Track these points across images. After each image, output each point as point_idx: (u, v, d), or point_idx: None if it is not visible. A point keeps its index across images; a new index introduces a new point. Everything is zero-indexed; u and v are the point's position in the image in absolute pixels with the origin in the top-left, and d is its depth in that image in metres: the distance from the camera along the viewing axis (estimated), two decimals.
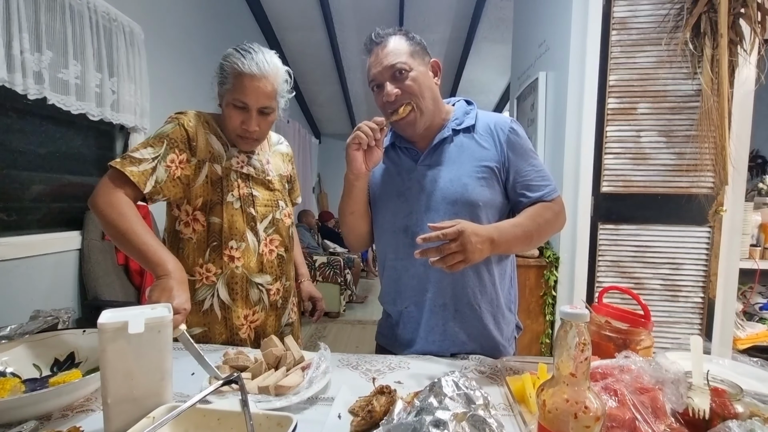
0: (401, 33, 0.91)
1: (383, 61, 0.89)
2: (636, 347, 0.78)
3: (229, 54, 0.97)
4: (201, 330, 1.02)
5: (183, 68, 2.81)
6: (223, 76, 0.97)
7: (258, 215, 1.04)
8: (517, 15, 2.76)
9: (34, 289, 1.73)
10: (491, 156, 0.92)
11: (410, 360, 0.90)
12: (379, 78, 0.90)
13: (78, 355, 0.82)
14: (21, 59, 1.55)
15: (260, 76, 0.95)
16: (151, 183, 0.91)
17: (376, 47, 0.91)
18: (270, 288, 1.06)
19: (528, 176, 0.92)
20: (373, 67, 0.91)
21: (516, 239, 0.86)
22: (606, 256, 1.79)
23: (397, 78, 0.88)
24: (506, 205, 0.96)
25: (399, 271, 0.98)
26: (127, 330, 0.56)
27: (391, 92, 0.88)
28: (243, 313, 1.03)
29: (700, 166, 1.69)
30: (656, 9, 1.68)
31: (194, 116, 1.00)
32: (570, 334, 0.45)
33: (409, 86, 0.88)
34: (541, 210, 0.90)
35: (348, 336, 3.46)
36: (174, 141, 0.95)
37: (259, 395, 0.71)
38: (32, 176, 1.81)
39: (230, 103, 0.97)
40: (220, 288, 1.00)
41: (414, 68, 0.89)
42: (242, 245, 1.00)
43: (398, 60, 0.88)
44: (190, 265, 0.99)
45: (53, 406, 0.65)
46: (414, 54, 0.90)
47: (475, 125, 0.95)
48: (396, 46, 0.89)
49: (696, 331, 1.73)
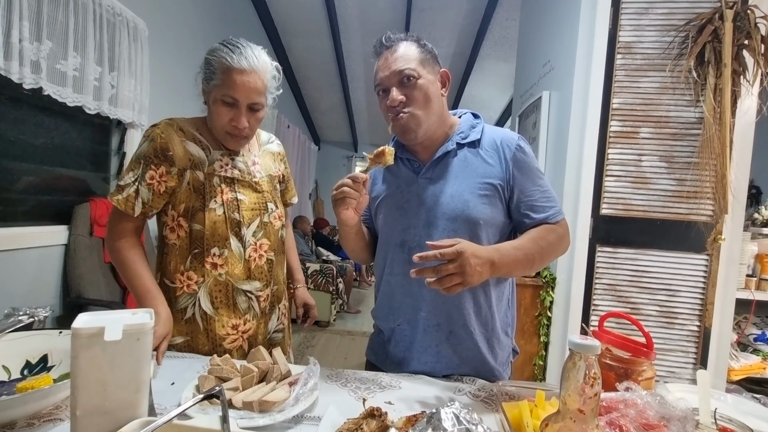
0: (413, 39, 0.89)
1: (392, 65, 0.86)
2: (638, 378, 0.75)
3: (216, 49, 0.94)
4: (184, 339, 0.98)
5: (186, 68, 2.79)
6: (210, 72, 0.94)
7: (244, 220, 1.00)
8: (521, 34, 2.79)
9: (15, 284, 1.67)
10: (495, 173, 0.89)
11: (402, 379, 0.86)
12: (386, 82, 0.87)
13: (51, 357, 0.78)
14: (19, 48, 1.52)
15: (249, 71, 0.92)
16: (139, 206, 0.93)
17: (385, 51, 0.88)
18: (260, 295, 1.02)
19: (533, 196, 0.89)
20: (380, 71, 0.88)
21: (517, 263, 0.81)
22: (603, 279, 1.77)
23: (404, 84, 0.86)
24: (508, 225, 0.93)
25: (393, 287, 0.95)
26: (102, 336, 0.52)
27: (396, 97, 0.85)
28: (231, 323, 0.99)
29: (700, 194, 1.68)
30: (661, 36, 1.70)
31: (166, 126, 0.98)
32: (579, 366, 0.42)
33: (415, 95, 0.86)
34: (545, 232, 0.86)
35: (336, 347, 3.40)
36: (148, 158, 0.94)
37: (243, 410, 0.67)
38: (23, 167, 1.77)
39: (218, 100, 0.94)
40: (201, 297, 0.97)
41: (422, 76, 0.86)
42: (225, 252, 0.97)
43: (407, 66, 0.85)
44: (172, 272, 0.97)
45: (18, 414, 0.60)
46: (424, 62, 0.87)
47: (481, 140, 0.92)
48: (406, 52, 0.86)
49: (691, 360, 1.71)
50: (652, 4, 1.71)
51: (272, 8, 4.06)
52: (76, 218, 1.87)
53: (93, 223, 1.92)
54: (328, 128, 7.08)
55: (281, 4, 4.00)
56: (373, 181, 1.02)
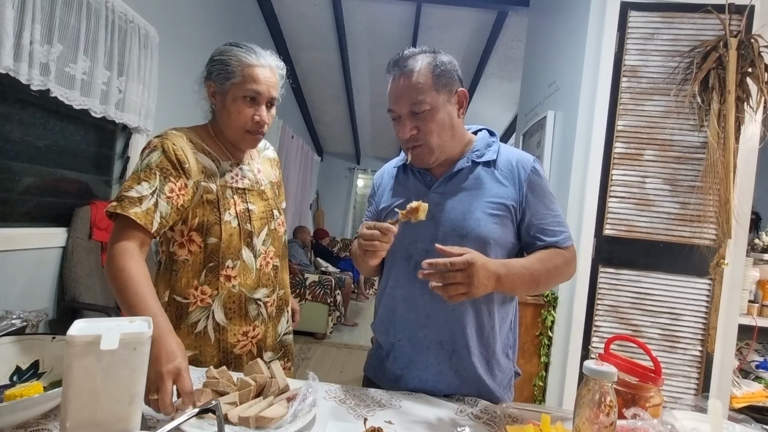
0: (429, 59, 0.84)
1: (404, 95, 0.83)
2: (645, 404, 0.73)
3: (227, 49, 0.96)
4: (192, 353, 0.94)
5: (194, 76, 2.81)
6: (228, 72, 0.93)
7: (255, 230, 0.99)
8: (528, 54, 2.83)
9: (9, 286, 1.64)
10: (509, 194, 0.88)
11: (402, 398, 0.84)
12: (398, 111, 0.85)
13: (43, 363, 0.75)
14: (30, 49, 1.53)
15: (268, 66, 0.96)
16: (157, 220, 0.85)
17: (399, 75, 0.84)
18: (267, 301, 1.02)
19: (545, 220, 0.88)
20: (392, 97, 0.86)
21: (522, 281, 0.81)
22: (605, 300, 1.75)
23: (416, 116, 0.83)
24: (516, 246, 0.92)
25: (396, 300, 0.93)
26: (98, 345, 0.51)
27: (407, 132, 0.84)
28: (241, 330, 0.97)
29: (703, 217, 1.68)
30: (666, 61, 1.72)
31: (176, 137, 0.94)
32: (594, 393, 0.40)
33: (428, 127, 0.83)
34: (553, 255, 0.86)
35: (333, 360, 3.34)
36: (166, 170, 0.88)
37: (239, 426, 0.64)
38: (25, 167, 1.76)
39: (239, 98, 0.94)
40: (216, 310, 0.95)
41: (435, 105, 0.83)
42: (237, 263, 0.95)
43: (419, 97, 0.81)
44: (184, 287, 0.93)
45: (5, 423, 0.58)
46: (439, 86, 0.83)
47: (497, 160, 0.91)
48: (419, 80, 0.82)
49: (693, 386, 1.68)
50: (657, 30, 1.73)
51: (282, 21, 4.12)
52: (75, 221, 1.86)
53: (92, 226, 1.90)
54: (332, 140, 7.12)
55: (291, 17, 4.06)
56: (382, 190, 1.01)
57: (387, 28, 4.00)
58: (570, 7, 2.06)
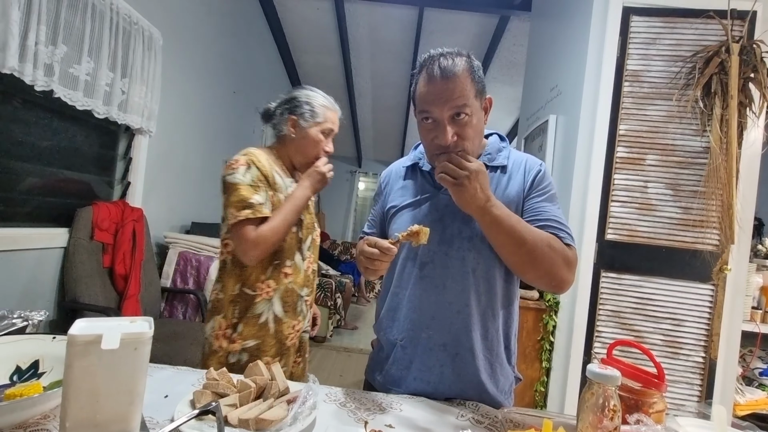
0: (467, 64, 0.80)
1: (448, 100, 0.78)
2: (648, 410, 0.72)
3: (312, 96, 1.20)
4: (255, 343, 1.09)
5: (197, 78, 2.83)
6: (314, 113, 1.18)
7: (304, 237, 1.18)
8: (529, 59, 2.83)
9: (10, 286, 1.64)
10: (515, 195, 0.88)
11: (403, 401, 0.84)
12: (438, 115, 0.80)
13: (43, 363, 0.75)
14: (35, 50, 1.54)
15: (337, 111, 1.28)
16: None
17: (440, 77, 0.78)
18: (307, 299, 1.22)
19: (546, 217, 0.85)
20: (430, 99, 0.80)
21: (510, 228, 0.77)
22: (607, 305, 1.74)
23: (456, 121, 0.80)
24: None
25: (400, 301, 0.92)
26: (99, 345, 0.50)
27: (449, 138, 0.79)
28: (292, 323, 1.15)
29: (706, 223, 1.67)
30: (668, 66, 1.72)
31: (261, 155, 1.11)
32: (597, 397, 0.40)
33: (467, 133, 0.81)
34: (553, 240, 0.81)
35: (333, 363, 3.33)
36: (262, 181, 1.08)
37: (238, 428, 0.64)
38: (27, 168, 1.76)
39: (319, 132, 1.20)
40: (275, 302, 1.12)
41: (474, 112, 0.81)
42: (292, 264, 1.15)
43: (464, 102, 0.78)
44: (253, 282, 1.09)
45: (5, 423, 0.57)
46: (476, 93, 0.81)
47: (507, 166, 0.91)
48: (464, 85, 0.79)
49: (696, 393, 1.67)
50: (659, 35, 1.73)
51: (285, 24, 4.15)
52: (77, 221, 1.86)
53: (94, 227, 1.90)
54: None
55: (294, 21, 4.09)
56: (389, 189, 1.00)
57: (389, 32, 4.02)
58: (572, 11, 2.07)
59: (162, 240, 2.55)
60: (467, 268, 0.86)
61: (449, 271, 0.87)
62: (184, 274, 2.43)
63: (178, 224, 2.83)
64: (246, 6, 3.59)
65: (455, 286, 0.87)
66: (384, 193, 1.02)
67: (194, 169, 2.95)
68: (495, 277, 0.88)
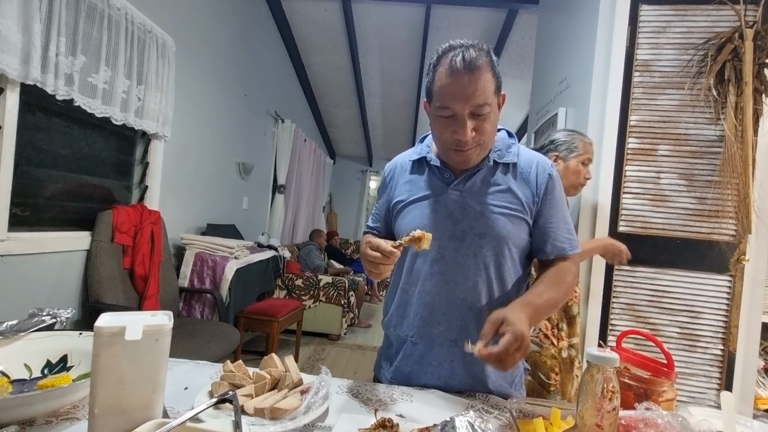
0: (488, 59, 0.80)
1: (471, 97, 0.77)
2: (658, 399, 0.73)
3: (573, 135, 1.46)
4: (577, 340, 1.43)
5: (209, 82, 2.90)
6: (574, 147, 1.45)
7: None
8: (538, 52, 2.81)
9: (39, 287, 1.72)
10: (526, 195, 0.89)
11: (414, 392, 0.85)
12: (459, 111, 0.79)
13: (71, 358, 0.79)
14: (56, 61, 1.60)
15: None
16: None
17: (462, 72, 0.77)
18: None
19: (557, 227, 0.90)
20: (451, 93, 0.79)
21: (544, 312, 0.85)
22: (621, 298, 1.72)
23: (476, 117, 0.80)
24: (529, 245, 0.92)
25: (410, 297, 0.93)
26: (123, 336, 0.54)
27: (468, 134, 0.80)
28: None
29: (721, 213, 1.64)
30: (680, 54, 1.69)
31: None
32: (597, 379, 0.41)
33: (486, 129, 0.82)
34: (564, 274, 0.88)
35: (347, 361, 3.36)
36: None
37: (254, 417, 0.67)
38: (51, 174, 1.84)
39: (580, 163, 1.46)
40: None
41: (493, 108, 0.81)
42: None
43: (486, 101, 0.78)
44: None
45: (38, 411, 0.62)
46: (495, 91, 0.81)
47: (517, 163, 0.91)
48: (486, 80, 0.78)
49: (715, 386, 1.64)
50: (670, 23, 1.71)
51: (293, 26, 4.19)
52: (98, 225, 1.93)
53: (114, 230, 1.97)
54: (344, 143, 7.18)
55: (302, 23, 4.13)
56: (395, 183, 0.99)
57: (397, 30, 4.03)
58: (579, 3, 2.05)
59: (179, 241, 2.62)
60: (479, 264, 0.87)
61: (460, 267, 0.87)
62: (201, 275, 2.49)
63: (194, 226, 2.90)
64: (255, 10, 3.65)
65: (466, 282, 0.87)
66: (389, 186, 1.01)
67: (208, 171, 3.03)
68: (507, 272, 0.89)
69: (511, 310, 0.76)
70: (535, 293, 0.84)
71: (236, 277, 2.55)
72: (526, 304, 0.79)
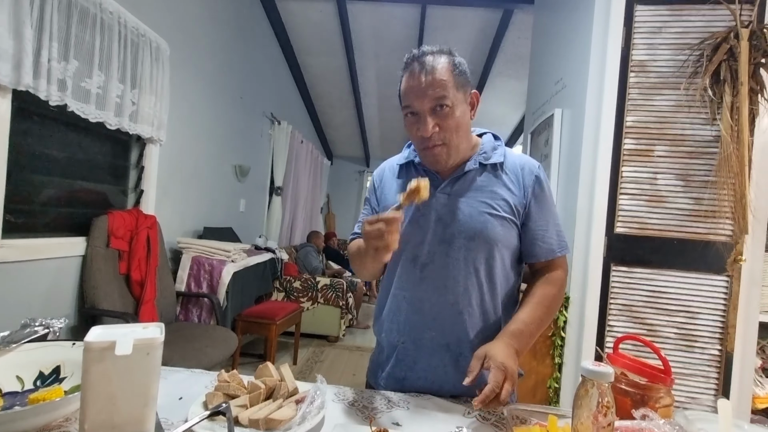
0: (449, 59, 0.83)
1: (427, 91, 0.80)
2: (655, 405, 0.72)
3: None
4: None
5: (204, 85, 2.88)
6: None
7: None
8: (533, 52, 2.81)
9: (33, 293, 1.71)
10: (515, 197, 0.88)
11: (410, 398, 0.85)
12: (418, 107, 0.82)
13: (64, 369, 0.79)
14: (48, 67, 1.59)
15: None
16: None
17: (420, 71, 0.81)
18: None
19: (546, 228, 0.89)
20: (412, 93, 0.82)
21: (532, 337, 0.85)
22: (618, 299, 1.72)
23: (437, 112, 0.81)
24: (519, 248, 0.92)
25: (400, 302, 0.92)
26: (113, 351, 0.53)
27: (429, 129, 0.81)
28: None
29: (718, 213, 1.64)
30: (675, 54, 1.69)
31: None
32: (591, 394, 0.40)
33: (448, 124, 0.82)
34: (549, 289, 0.89)
35: (345, 362, 3.36)
36: None
37: (248, 428, 0.66)
38: (45, 180, 1.83)
39: None
40: None
41: (456, 104, 0.82)
42: None
43: (443, 93, 0.80)
44: None
45: (29, 426, 0.61)
46: (458, 86, 0.82)
47: (503, 164, 0.91)
48: (442, 76, 0.80)
49: (713, 386, 1.64)
50: (665, 24, 1.70)
51: (288, 28, 4.18)
52: (93, 230, 1.92)
53: (110, 235, 1.96)
54: (341, 143, 7.17)
55: (298, 24, 4.12)
56: (383, 189, 0.99)
57: (392, 30, 4.02)
58: (575, 3, 2.04)
59: (175, 245, 2.61)
60: (469, 267, 0.86)
61: (450, 271, 0.87)
62: (198, 279, 2.49)
63: (191, 229, 2.89)
64: (250, 12, 3.63)
65: (457, 286, 0.87)
66: (378, 192, 1.01)
67: (205, 174, 3.01)
68: (497, 275, 0.88)
69: (494, 345, 0.78)
70: (520, 320, 0.85)
71: (233, 280, 2.54)
72: (511, 337, 0.81)
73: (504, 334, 0.82)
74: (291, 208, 5.01)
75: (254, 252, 3.16)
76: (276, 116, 4.35)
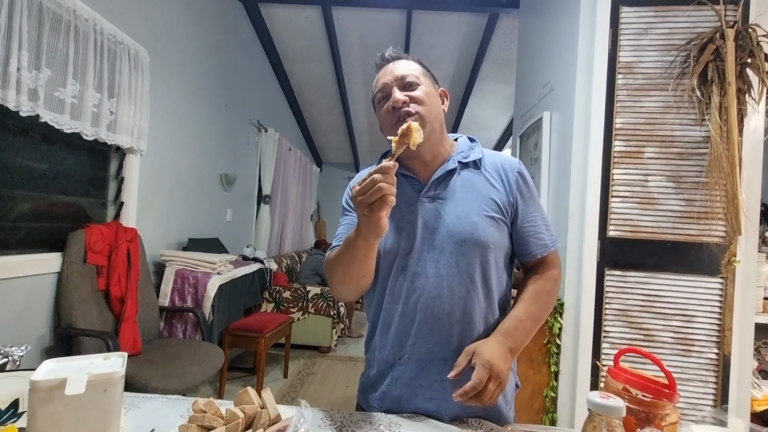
0: (414, 58, 0.90)
1: (394, 71, 0.85)
2: (660, 423, 0.68)
3: None
4: None
5: (186, 93, 2.82)
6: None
7: None
8: (520, 55, 2.80)
9: (4, 314, 1.61)
10: (501, 195, 0.86)
11: (402, 421, 0.79)
12: (387, 88, 0.85)
13: (23, 403, 0.72)
14: (17, 76, 1.52)
15: None
16: None
17: (388, 63, 0.88)
18: None
19: (535, 223, 0.87)
20: (381, 78, 0.87)
21: (528, 333, 0.81)
22: (613, 304, 1.69)
23: (406, 88, 0.84)
24: (510, 248, 0.89)
25: (392, 316, 0.86)
26: (63, 390, 0.47)
27: (399, 98, 0.81)
28: None
29: (710, 214, 1.62)
30: (662, 55, 1.68)
31: None
32: (600, 429, 0.36)
33: (418, 96, 0.83)
34: (542, 284, 0.86)
35: (338, 374, 3.28)
36: None
37: None
38: (16, 194, 1.74)
39: None
40: None
41: (424, 84, 0.85)
42: None
43: (410, 73, 0.85)
44: None
45: None
46: (425, 75, 0.88)
47: (483, 161, 0.89)
48: (408, 64, 0.87)
49: (711, 390, 1.61)
50: (651, 25, 1.70)
51: (273, 34, 4.14)
52: (69, 245, 1.83)
53: (87, 250, 1.88)
54: (330, 150, 7.12)
55: (282, 30, 4.08)
56: None
57: (379, 36, 4.00)
58: (560, 6, 2.04)
59: (158, 258, 2.53)
60: (462, 273, 0.82)
61: (443, 280, 0.82)
62: (182, 293, 2.40)
63: (175, 241, 2.80)
64: (233, 18, 3.58)
65: (451, 295, 0.82)
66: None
67: (189, 184, 2.93)
68: (492, 279, 0.84)
69: (485, 342, 0.77)
70: (514, 317, 0.82)
71: (220, 293, 2.46)
72: (505, 335, 0.78)
73: (497, 332, 0.80)
74: (280, 216, 4.93)
75: (242, 263, 3.08)
76: (263, 123, 4.29)
